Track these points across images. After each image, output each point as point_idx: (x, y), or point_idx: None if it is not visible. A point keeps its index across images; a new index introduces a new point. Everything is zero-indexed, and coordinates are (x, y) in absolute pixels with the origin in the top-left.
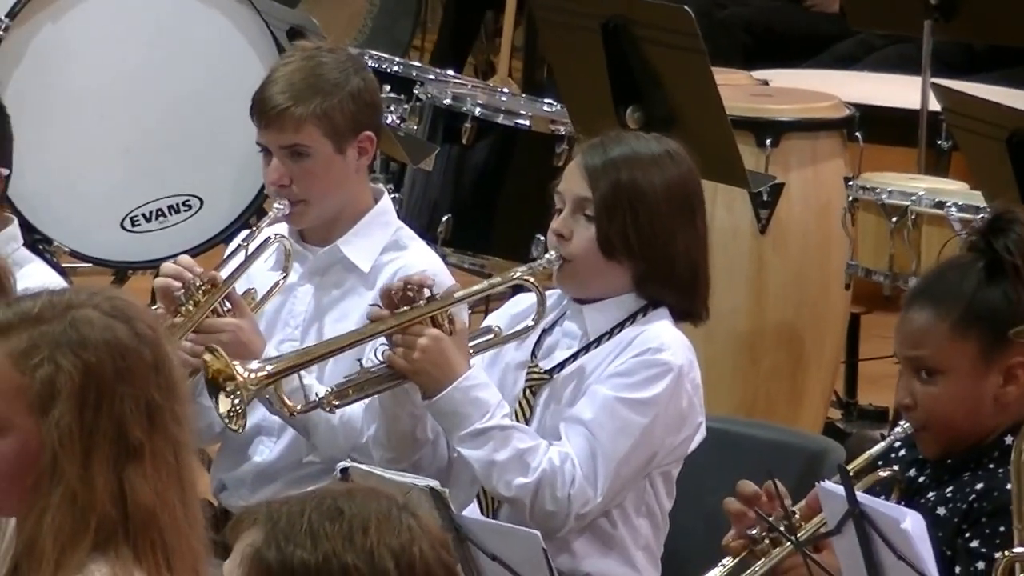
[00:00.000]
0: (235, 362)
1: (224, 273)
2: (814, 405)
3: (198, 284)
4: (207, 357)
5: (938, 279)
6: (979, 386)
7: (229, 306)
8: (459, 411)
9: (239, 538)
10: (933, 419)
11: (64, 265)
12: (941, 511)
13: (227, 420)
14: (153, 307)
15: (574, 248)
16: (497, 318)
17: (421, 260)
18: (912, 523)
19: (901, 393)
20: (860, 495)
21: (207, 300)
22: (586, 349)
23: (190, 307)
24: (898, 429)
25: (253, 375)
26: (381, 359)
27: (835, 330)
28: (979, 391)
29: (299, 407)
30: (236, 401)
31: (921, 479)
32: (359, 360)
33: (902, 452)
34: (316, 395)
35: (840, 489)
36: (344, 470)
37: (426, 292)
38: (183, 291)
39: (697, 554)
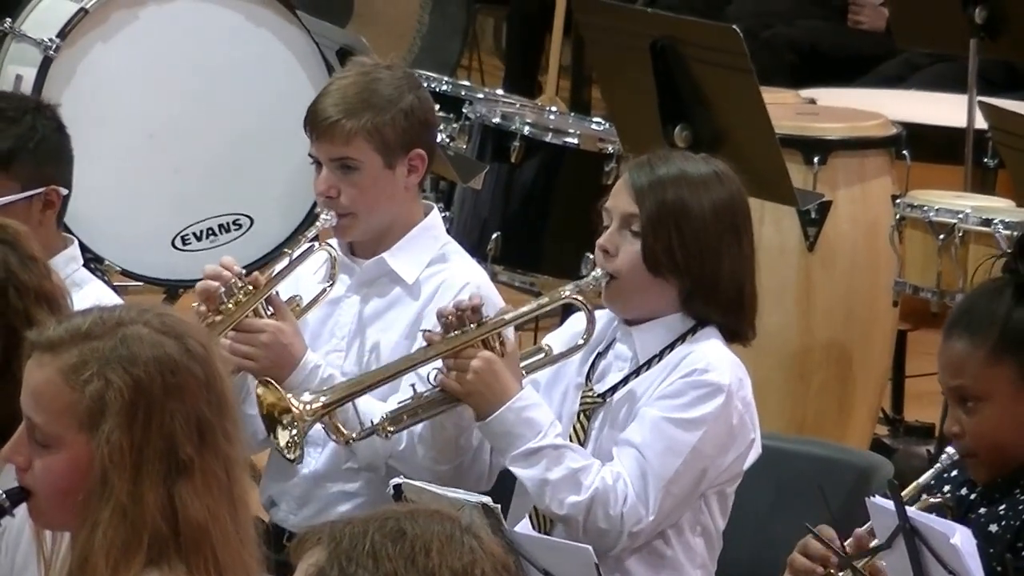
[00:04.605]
0: (289, 395)
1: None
2: (862, 421)
3: (239, 285)
4: (260, 391)
5: (971, 306)
6: (1023, 408)
7: (272, 310)
8: (512, 431)
9: (302, 558)
10: (981, 445)
11: (115, 284)
12: (993, 528)
13: (285, 451)
14: (194, 304)
15: (619, 263)
16: (553, 340)
17: (464, 273)
18: (962, 538)
19: (949, 422)
20: (910, 510)
21: (248, 300)
22: (637, 372)
23: (230, 306)
24: (944, 456)
25: (308, 406)
26: (434, 383)
27: (883, 347)
28: (1023, 413)
29: (355, 434)
30: (293, 432)
31: (972, 497)
32: (412, 385)
33: (953, 472)
34: (371, 421)
35: (890, 504)
36: (397, 486)
37: (482, 312)
38: (224, 290)
39: (746, 568)
